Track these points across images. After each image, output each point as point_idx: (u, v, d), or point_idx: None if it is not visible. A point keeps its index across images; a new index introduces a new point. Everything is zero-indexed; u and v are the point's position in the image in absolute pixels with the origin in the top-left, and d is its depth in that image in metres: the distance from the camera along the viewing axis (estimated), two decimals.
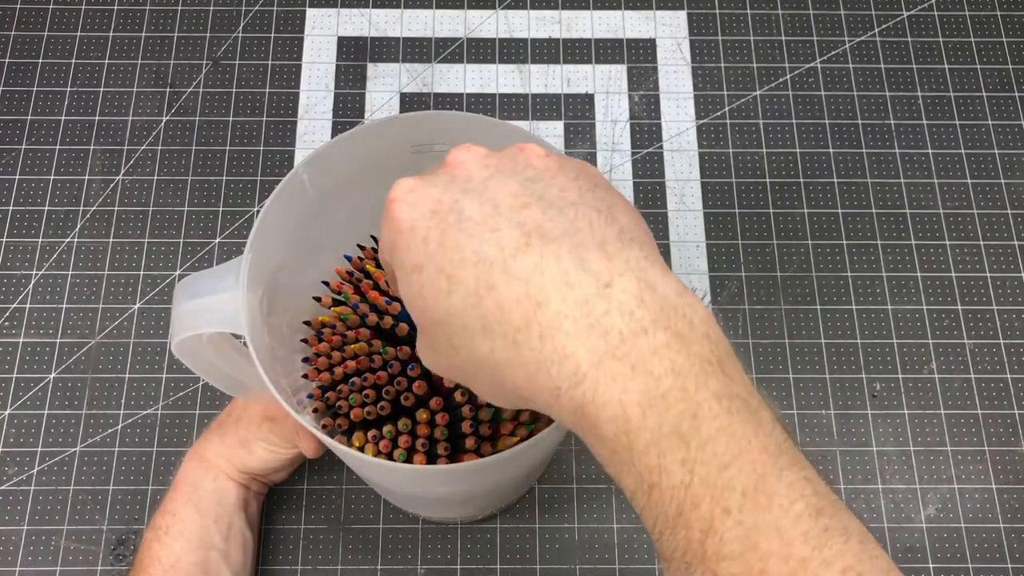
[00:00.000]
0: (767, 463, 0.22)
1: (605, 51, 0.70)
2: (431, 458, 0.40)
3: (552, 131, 0.67)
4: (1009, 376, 0.61)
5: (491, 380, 0.25)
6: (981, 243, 0.64)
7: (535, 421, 0.40)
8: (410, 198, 0.26)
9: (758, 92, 0.69)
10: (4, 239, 0.63)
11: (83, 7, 0.70)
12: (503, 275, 0.23)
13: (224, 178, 0.65)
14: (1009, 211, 0.65)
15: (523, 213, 0.24)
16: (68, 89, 0.68)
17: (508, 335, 0.23)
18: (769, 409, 0.24)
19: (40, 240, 0.63)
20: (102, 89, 0.68)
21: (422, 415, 0.39)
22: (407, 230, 0.25)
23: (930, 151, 0.67)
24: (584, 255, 0.23)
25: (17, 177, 0.65)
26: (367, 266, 0.43)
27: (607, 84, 0.69)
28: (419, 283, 0.25)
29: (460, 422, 0.39)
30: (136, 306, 0.62)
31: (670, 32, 0.71)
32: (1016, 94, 0.69)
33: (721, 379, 0.23)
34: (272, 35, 0.70)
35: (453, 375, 0.28)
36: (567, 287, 0.23)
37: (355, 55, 0.70)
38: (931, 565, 0.56)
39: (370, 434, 0.39)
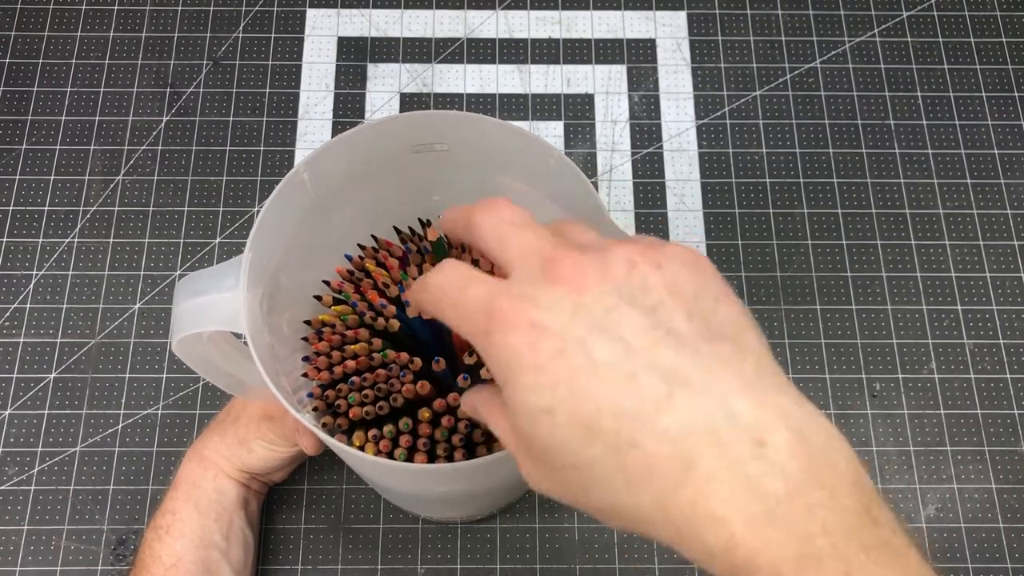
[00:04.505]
0: None
1: (605, 51, 0.70)
2: (431, 458, 0.40)
3: (552, 131, 0.67)
4: (1009, 376, 0.61)
5: (622, 522, 0.24)
6: (981, 243, 0.64)
7: None
8: (531, 335, 0.24)
9: (758, 92, 0.69)
10: (4, 239, 0.63)
11: (83, 7, 0.71)
12: (648, 432, 0.22)
13: (224, 178, 0.65)
14: (1009, 211, 0.65)
15: (657, 354, 0.23)
16: (68, 89, 0.68)
17: (656, 495, 0.22)
18: (916, 547, 0.23)
19: (40, 240, 0.63)
20: (102, 89, 0.68)
21: (424, 414, 0.39)
22: (531, 370, 0.23)
23: (930, 151, 0.67)
24: (731, 405, 0.22)
25: (17, 177, 0.65)
26: (367, 265, 0.43)
27: (607, 84, 0.69)
28: (550, 427, 0.23)
29: (455, 433, 0.39)
30: (136, 306, 0.62)
31: (670, 32, 0.71)
32: (1016, 94, 0.69)
33: (870, 530, 0.22)
34: (272, 35, 0.70)
35: (570, 504, 0.27)
36: (719, 447, 0.22)
37: (355, 55, 0.70)
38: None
39: (370, 433, 0.39)
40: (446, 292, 0.26)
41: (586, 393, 0.23)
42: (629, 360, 0.23)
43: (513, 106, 0.68)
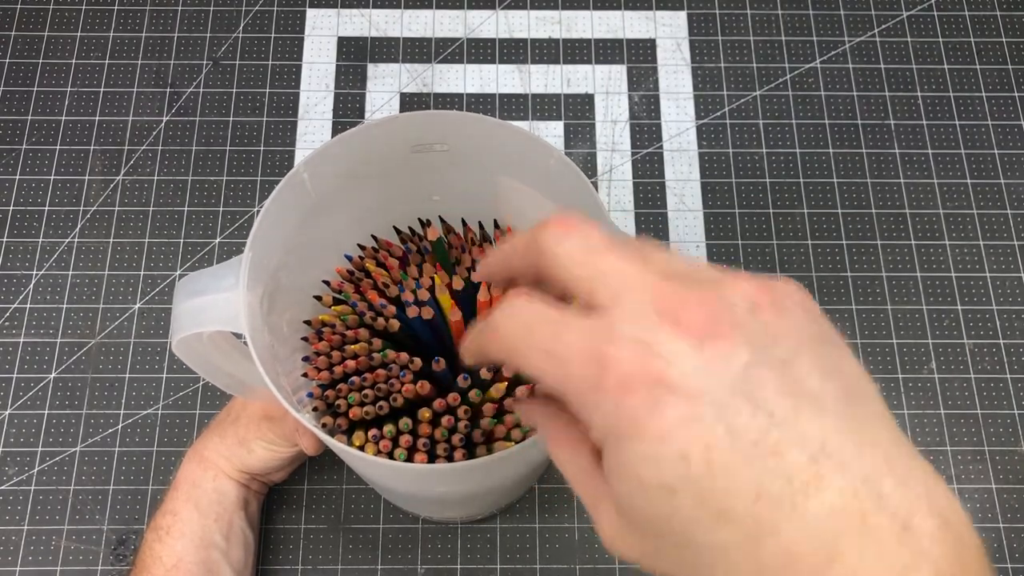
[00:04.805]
0: None
1: (605, 51, 0.70)
2: (431, 458, 0.40)
3: (552, 131, 0.67)
4: (1009, 376, 0.61)
5: None
6: (981, 243, 0.64)
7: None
8: (654, 395, 0.20)
9: (758, 92, 0.69)
10: (4, 239, 0.63)
11: (83, 7, 0.71)
12: (792, 518, 0.19)
13: (224, 178, 0.65)
14: (1009, 211, 0.65)
15: (800, 424, 0.20)
16: (68, 89, 0.68)
17: None
18: None
19: (40, 240, 0.63)
20: (102, 89, 0.68)
21: (424, 414, 0.39)
22: (653, 438, 0.20)
23: (930, 151, 0.67)
24: (875, 485, 0.20)
25: (17, 177, 0.65)
26: (367, 265, 0.43)
27: (607, 84, 0.69)
28: (670, 506, 0.20)
29: (455, 432, 0.39)
30: (136, 306, 0.62)
31: (670, 32, 0.71)
32: (1016, 94, 0.69)
33: None
34: (272, 35, 0.70)
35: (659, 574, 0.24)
36: (866, 535, 0.19)
37: (355, 55, 0.70)
38: None
39: (370, 433, 0.39)
40: (532, 337, 0.22)
41: (723, 471, 0.19)
42: (773, 431, 0.19)
43: (513, 106, 0.68)
